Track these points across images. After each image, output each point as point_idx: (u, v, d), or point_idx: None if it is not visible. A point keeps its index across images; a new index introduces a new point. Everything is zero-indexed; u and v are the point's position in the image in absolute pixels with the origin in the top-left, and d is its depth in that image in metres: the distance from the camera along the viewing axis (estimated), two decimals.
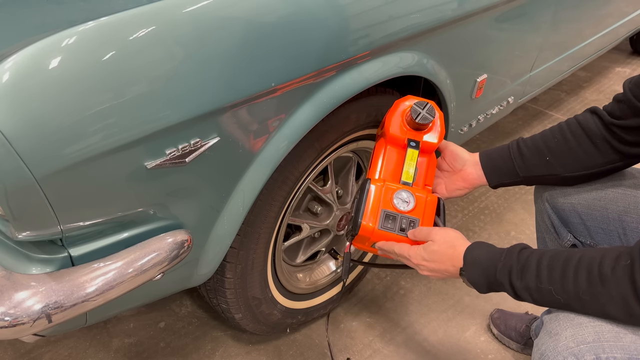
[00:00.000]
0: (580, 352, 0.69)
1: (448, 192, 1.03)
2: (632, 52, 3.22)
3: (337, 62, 0.88)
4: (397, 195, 0.95)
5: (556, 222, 1.02)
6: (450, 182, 1.02)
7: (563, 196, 0.99)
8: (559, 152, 0.94)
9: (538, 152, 0.95)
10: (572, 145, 0.93)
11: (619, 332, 0.69)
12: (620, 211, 0.93)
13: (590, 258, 0.71)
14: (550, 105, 2.59)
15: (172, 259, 0.81)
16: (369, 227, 0.93)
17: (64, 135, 0.64)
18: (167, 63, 0.69)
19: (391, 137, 0.99)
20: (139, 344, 1.34)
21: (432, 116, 0.95)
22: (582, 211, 0.97)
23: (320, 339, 1.38)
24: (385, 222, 0.93)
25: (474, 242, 0.84)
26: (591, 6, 1.80)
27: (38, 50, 0.62)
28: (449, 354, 1.35)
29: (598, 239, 0.97)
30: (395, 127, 0.99)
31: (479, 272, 0.80)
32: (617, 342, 0.68)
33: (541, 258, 0.75)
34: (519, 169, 0.97)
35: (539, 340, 0.75)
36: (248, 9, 0.76)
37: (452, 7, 1.06)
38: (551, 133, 0.96)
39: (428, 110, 0.95)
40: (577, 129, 0.93)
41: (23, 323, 0.68)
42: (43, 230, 0.70)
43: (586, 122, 0.92)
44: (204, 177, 0.83)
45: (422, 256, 0.87)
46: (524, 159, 0.96)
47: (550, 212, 1.02)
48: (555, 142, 0.94)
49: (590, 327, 0.71)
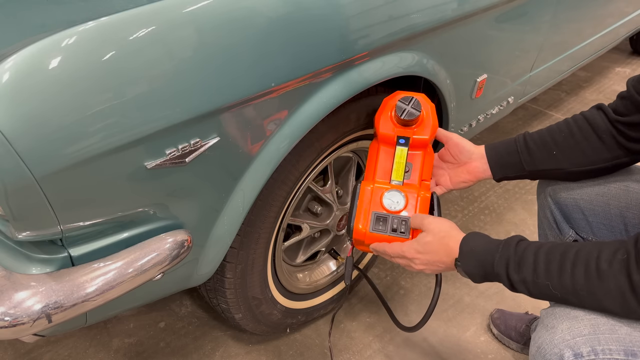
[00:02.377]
0: (576, 344, 0.69)
1: (452, 184, 1.02)
2: (632, 52, 3.21)
3: (337, 62, 0.88)
4: (387, 196, 0.94)
5: (558, 218, 1.02)
6: (455, 175, 1.02)
7: (566, 191, 0.99)
8: (565, 146, 0.93)
9: (545, 146, 0.95)
10: (579, 139, 0.92)
11: (615, 324, 0.70)
12: (622, 207, 0.93)
13: (587, 252, 0.72)
14: (550, 105, 2.59)
15: (172, 259, 0.81)
16: (361, 230, 0.93)
17: (64, 135, 0.64)
18: (167, 63, 0.69)
19: (382, 136, 0.99)
20: (139, 344, 1.34)
21: (418, 111, 0.94)
22: (584, 206, 0.97)
23: (320, 339, 1.38)
24: (376, 224, 0.93)
25: (470, 233, 0.84)
26: (591, 6, 1.80)
27: (38, 50, 0.62)
28: (449, 354, 1.35)
29: (600, 234, 0.97)
30: (385, 125, 0.99)
31: (475, 264, 0.80)
32: (612, 335, 0.69)
33: (538, 251, 0.75)
34: (525, 163, 0.96)
35: (536, 334, 0.76)
36: (248, 9, 0.76)
37: (452, 7, 1.06)
38: (558, 127, 0.95)
39: (413, 105, 0.94)
40: (583, 124, 0.93)
41: (23, 323, 0.68)
42: (43, 230, 0.70)
43: (593, 118, 0.92)
44: (204, 177, 0.83)
45: (415, 249, 0.86)
46: (530, 152, 0.96)
47: (553, 207, 1.02)
48: (563, 137, 0.94)
49: (586, 320, 0.72)
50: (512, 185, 1.99)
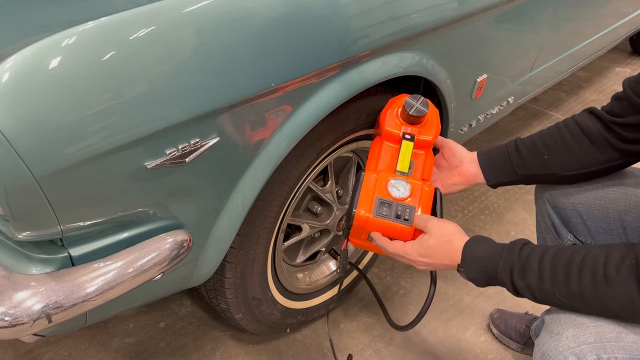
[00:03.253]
0: (581, 352, 0.68)
1: (444, 188, 1.03)
2: (632, 52, 3.22)
3: (337, 62, 0.88)
4: (392, 183, 0.94)
5: (557, 222, 1.02)
6: (447, 177, 1.03)
7: (564, 196, 0.99)
8: (557, 151, 0.94)
9: (536, 151, 0.95)
10: (570, 144, 0.92)
11: (621, 332, 0.69)
12: (620, 210, 0.92)
13: (593, 257, 0.71)
14: (550, 105, 2.59)
15: (172, 259, 0.81)
16: (363, 215, 0.91)
17: (64, 135, 0.64)
18: (166, 63, 0.69)
19: (387, 133, 0.99)
20: (139, 344, 1.34)
21: (426, 109, 0.96)
22: (582, 211, 0.97)
23: (320, 338, 1.38)
24: (380, 209, 0.91)
25: (473, 237, 0.83)
26: (591, 6, 1.80)
27: (38, 50, 0.62)
28: (449, 354, 1.35)
29: (599, 238, 0.97)
30: (391, 122, 1.00)
31: (478, 270, 0.80)
32: (618, 343, 0.68)
33: (543, 257, 0.74)
34: (517, 167, 0.97)
35: (540, 339, 0.75)
36: (247, 8, 0.76)
37: (452, 7, 1.06)
38: (549, 132, 0.96)
39: (422, 103, 0.97)
40: (574, 128, 0.93)
41: (23, 323, 0.68)
42: (43, 230, 0.70)
43: (584, 122, 0.92)
44: (204, 177, 0.83)
45: (418, 252, 0.86)
46: (521, 157, 0.96)
47: (551, 212, 1.02)
48: (554, 142, 0.94)
49: (591, 327, 0.71)
50: (512, 185, 1.99)
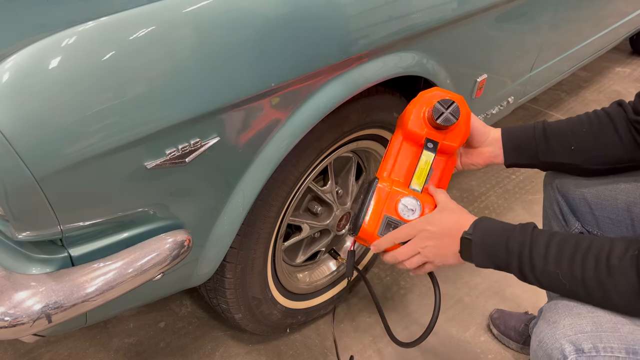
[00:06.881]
0: (577, 340, 0.70)
1: (462, 165, 1.00)
2: (632, 52, 3.21)
3: (337, 62, 0.88)
4: (403, 202, 0.89)
5: (565, 209, 1.01)
6: (466, 157, 0.99)
7: (574, 185, 0.99)
8: (585, 141, 0.91)
9: (563, 139, 0.92)
10: (599, 135, 0.90)
11: (617, 322, 0.70)
12: (630, 202, 0.92)
13: (599, 246, 0.72)
14: (550, 105, 2.59)
15: (172, 259, 0.81)
16: (368, 231, 0.90)
17: (63, 135, 0.64)
18: (166, 63, 0.69)
19: (409, 132, 0.92)
20: (139, 344, 1.34)
21: (455, 118, 0.86)
22: (591, 200, 0.97)
23: (320, 338, 1.38)
24: (386, 229, 0.89)
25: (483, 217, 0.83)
26: (591, 6, 1.80)
27: (38, 50, 0.62)
28: (449, 354, 1.35)
29: (605, 229, 0.97)
30: (415, 122, 0.91)
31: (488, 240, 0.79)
32: (614, 333, 0.70)
33: (551, 240, 0.75)
34: (540, 153, 0.93)
35: (537, 328, 0.76)
36: (247, 8, 0.76)
37: (452, 7, 1.06)
38: (579, 120, 0.93)
39: (452, 110, 0.86)
40: (605, 119, 0.91)
41: (23, 323, 0.68)
42: (43, 230, 0.70)
43: (614, 113, 0.90)
44: (204, 177, 0.83)
45: (427, 219, 0.84)
46: (548, 143, 0.93)
47: (560, 199, 1.02)
48: (583, 132, 0.91)
49: (588, 317, 0.72)
50: (512, 186, 1.99)
